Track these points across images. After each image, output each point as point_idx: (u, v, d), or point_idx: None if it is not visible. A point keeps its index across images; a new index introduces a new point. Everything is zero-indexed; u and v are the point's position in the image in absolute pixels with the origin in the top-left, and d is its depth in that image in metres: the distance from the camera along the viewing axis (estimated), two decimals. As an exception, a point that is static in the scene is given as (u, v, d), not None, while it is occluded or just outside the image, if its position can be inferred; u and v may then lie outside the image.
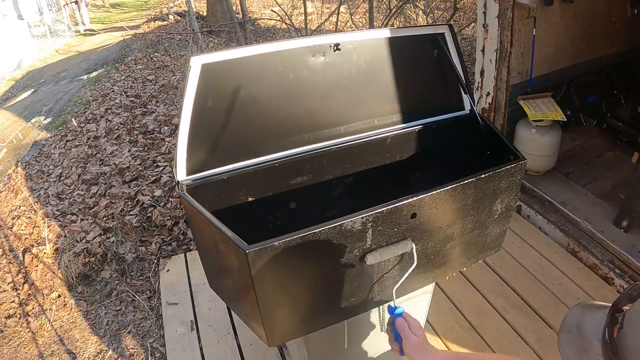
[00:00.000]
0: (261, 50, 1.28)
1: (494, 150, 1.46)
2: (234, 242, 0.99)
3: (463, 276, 2.43)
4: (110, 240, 2.98)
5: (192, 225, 1.34)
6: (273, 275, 1.04)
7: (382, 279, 1.23)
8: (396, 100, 1.54)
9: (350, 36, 1.38)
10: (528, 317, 2.19)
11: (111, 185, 3.58)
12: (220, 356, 2.14)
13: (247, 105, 1.32)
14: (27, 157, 4.73)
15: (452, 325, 2.18)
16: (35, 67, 10.24)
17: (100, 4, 16.99)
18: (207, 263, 1.35)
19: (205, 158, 1.30)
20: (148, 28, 10.09)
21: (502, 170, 1.25)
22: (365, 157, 1.57)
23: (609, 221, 2.57)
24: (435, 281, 1.52)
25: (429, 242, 1.25)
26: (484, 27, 2.80)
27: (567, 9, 2.90)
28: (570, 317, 0.77)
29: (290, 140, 1.42)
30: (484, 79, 2.95)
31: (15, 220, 3.37)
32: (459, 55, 1.53)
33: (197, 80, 1.20)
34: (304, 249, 1.03)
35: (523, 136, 2.93)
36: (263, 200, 1.45)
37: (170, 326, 2.32)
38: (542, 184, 2.94)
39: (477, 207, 1.28)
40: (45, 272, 2.83)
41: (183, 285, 2.57)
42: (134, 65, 7.04)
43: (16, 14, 11.83)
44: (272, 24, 9.13)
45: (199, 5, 10.97)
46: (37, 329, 2.48)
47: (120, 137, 4.41)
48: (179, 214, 3.13)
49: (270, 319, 1.10)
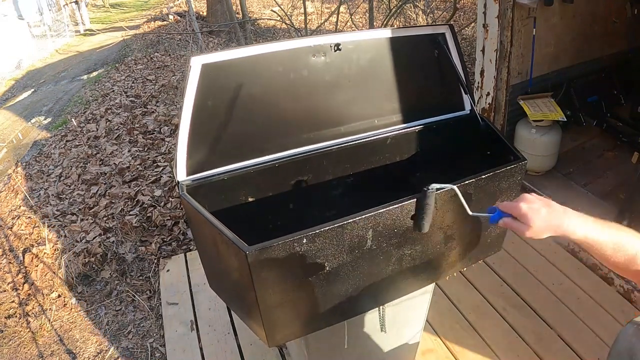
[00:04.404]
0: (261, 50, 1.28)
1: (494, 150, 1.46)
2: (233, 243, 0.99)
3: (463, 276, 2.43)
4: (110, 240, 2.98)
5: (192, 225, 1.34)
6: (273, 275, 1.04)
7: (382, 279, 1.23)
8: (396, 100, 1.54)
9: (350, 36, 1.38)
10: (528, 317, 2.19)
11: (111, 185, 3.58)
12: (220, 356, 2.14)
13: (247, 105, 1.32)
14: (27, 157, 4.73)
15: (452, 325, 2.17)
16: (35, 67, 10.25)
17: (100, 4, 16.99)
18: (207, 263, 1.35)
19: (205, 158, 1.30)
20: (148, 28, 10.09)
21: (502, 170, 1.25)
22: (365, 157, 1.57)
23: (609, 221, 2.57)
24: (435, 281, 1.51)
25: (429, 243, 1.25)
26: (484, 27, 2.80)
27: (567, 9, 2.90)
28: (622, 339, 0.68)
29: (290, 141, 1.42)
30: (484, 79, 2.95)
31: (15, 220, 3.37)
32: (459, 55, 1.53)
33: (197, 80, 1.20)
34: (304, 249, 1.03)
35: (523, 136, 2.93)
36: (263, 200, 1.45)
37: (170, 326, 2.32)
38: (542, 184, 2.94)
39: (478, 207, 1.27)
40: (45, 272, 2.83)
41: (183, 285, 2.56)
42: (134, 65, 7.03)
43: (16, 14, 11.83)
44: (272, 24, 9.12)
45: (199, 5, 10.97)
46: (37, 329, 2.48)
47: (120, 137, 4.41)
48: (179, 214, 3.13)
49: (270, 319, 1.10)
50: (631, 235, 0.85)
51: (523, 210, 0.86)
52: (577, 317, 2.16)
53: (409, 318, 1.63)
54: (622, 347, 0.67)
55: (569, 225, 0.85)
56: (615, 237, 0.84)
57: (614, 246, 0.84)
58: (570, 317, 2.17)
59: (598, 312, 2.17)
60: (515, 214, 0.89)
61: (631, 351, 0.65)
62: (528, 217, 0.86)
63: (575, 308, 2.20)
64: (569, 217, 0.86)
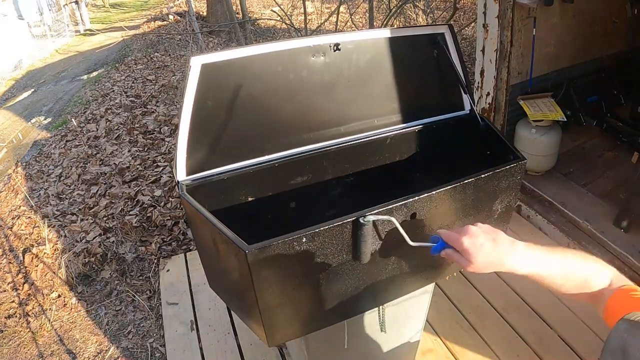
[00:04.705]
0: (261, 50, 1.28)
1: (494, 150, 1.46)
2: (233, 242, 0.99)
3: (463, 276, 2.43)
4: (110, 240, 2.98)
5: (192, 225, 1.34)
6: (273, 275, 1.04)
7: (382, 279, 1.22)
8: (396, 100, 1.54)
9: (350, 36, 1.38)
10: (528, 317, 2.19)
11: (111, 185, 3.58)
12: (220, 356, 2.14)
13: (247, 105, 1.32)
14: (27, 157, 4.73)
15: (452, 325, 2.17)
16: (35, 66, 10.25)
17: (100, 4, 17.00)
18: (207, 263, 1.35)
19: (205, 158, 1.30)
20: (148, 28, 10.09)
21: (502, 170, 1.25)
22: (365, 157, 1.57)
23: (609, 221, 2.57)
24: (435, 281, 1.52)
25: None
26: (484, 27, 2.80)
27: (567, 9, 2.90)
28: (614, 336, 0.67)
29: (290, 140, 1.42)
30: (484, 79, 2.95)
31: (15, 220, 3.37)
32: (459, 55, 1.53)
33: (197, 80, 1.20)
34: (304, 248, 1.03)
35: (523, 136, 2.93)
36: (263, 200, 1.45)
37: (170, 326, 2.32)
38: (542, 184, 2.94)
39: (477, 207, 1.28)
40: (45, 272, 2.83)
41: (183, 285, 2.57)
42: (134, 65, 7.04)
43: (16, 13, 11.84)
44: (272, 24, 9.13)
45: (199, 5, 10.97)
46: (37, 329, 2.48)
47: (120, 137, 4.41)
48: (179, 214, 3.13)
49: (270, 319, 1.10)
50: (579, 258, 0.85)
51: (465, 245, 0.84)
52: (577, 317, 2.16)
53: (409, 318, 1.63)
54: (614, 344, 0.67)
55: (513, 263, 0.84)
56: (564, 266, 0.84)
57: (564, 275, 0.84)
58: (570, 317, 2.16)
59: (598, 312, 2.17)
60: (457, 247, 0.87)
61: (624, 347, 0.65)
62: (469, 253, 0.84)
63: (575, 308, 2.20)
64: (514, 252, 0.84)
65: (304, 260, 1.06)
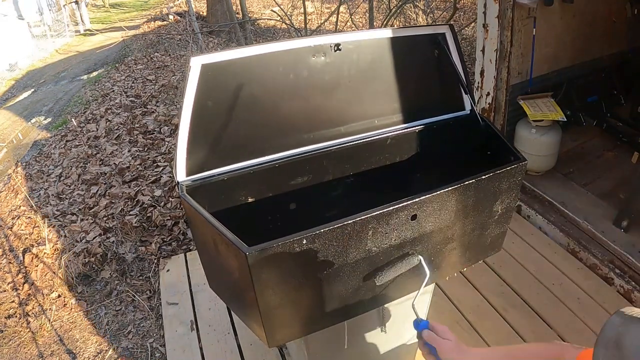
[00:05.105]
0: (261, 50, 1.28)
1: (494, 150, 1.46)
2: (233, 244, 0.99)
3: (463, 276, 2.43)
4: (110, 240, 2.98)
5: (192, 226, 1.33)
6: (273, 276, 1.04)
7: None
8: (396, 100, 1.54)
9: (350, 36, 1.38)
10: (528, 317, 2.19)
11: (111, 185, 3.58)
12: (220, 356, 2.14)
13: (247, 105, 1.32)
14: (27, 157, 4.73)
15: (452, 325, 2.17)
16: (35, 67, 10.25)
17: (100, 4, 17.00)
18: (207, 264, 1.34)
19: (205, 158, 1.29)
20: (148, 28, 10.09)
21: (502, 171, 1.25)
22: (365, 158, 1.57)
23: (609, 221, 2.57)
24: (435, 281, 1.51)
25: (429, 243, 1.25)
26: (484, 27, 2.80)
27: (567, 9, 2.90)
28: (608, 329, 0.68)
29: (290, 141, 1.41)
30: (484, 79, 2.95)
31: (15, 220, 3.37)
32: (460, 55, 1.53)
33: (197, 80, 1.20)
34: (304, 250, 1.03)
35: (523, 136, 2.93)
36: (263, 201, 1.45)
37: (170, 326, 2.32)
38: (542, 184, 2.94)
39: (478, 207, 1.27)
40: (45, 272, 2.83)
41: (183, 285, 2.56)
42: (134, 65, 7.04)
43: (16, 13, 11.84)
44: (272, 24, 9.13)
45: (199, 5, 10.97)
46: (37, 329, 2.48)
47: (120, 137, 4.41)
48: (179, 214, 3.13)
49: (270, 319, 1.10)
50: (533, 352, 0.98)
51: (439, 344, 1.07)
52: (577, 317, 2.16)
53: (409, 318, 1.63)
54: (608, 336, 0.68)
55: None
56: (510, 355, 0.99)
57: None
58: (570, 317, 2.17)
59: (598, 312, 2.17)
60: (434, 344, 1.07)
61: (618, 339, 0.66)
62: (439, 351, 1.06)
63: (575, 308, 2.20)
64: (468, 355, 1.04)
65: (305, 261, 1.06)
